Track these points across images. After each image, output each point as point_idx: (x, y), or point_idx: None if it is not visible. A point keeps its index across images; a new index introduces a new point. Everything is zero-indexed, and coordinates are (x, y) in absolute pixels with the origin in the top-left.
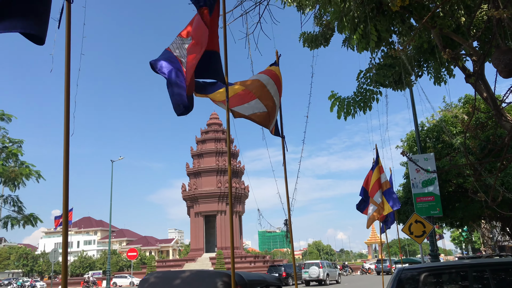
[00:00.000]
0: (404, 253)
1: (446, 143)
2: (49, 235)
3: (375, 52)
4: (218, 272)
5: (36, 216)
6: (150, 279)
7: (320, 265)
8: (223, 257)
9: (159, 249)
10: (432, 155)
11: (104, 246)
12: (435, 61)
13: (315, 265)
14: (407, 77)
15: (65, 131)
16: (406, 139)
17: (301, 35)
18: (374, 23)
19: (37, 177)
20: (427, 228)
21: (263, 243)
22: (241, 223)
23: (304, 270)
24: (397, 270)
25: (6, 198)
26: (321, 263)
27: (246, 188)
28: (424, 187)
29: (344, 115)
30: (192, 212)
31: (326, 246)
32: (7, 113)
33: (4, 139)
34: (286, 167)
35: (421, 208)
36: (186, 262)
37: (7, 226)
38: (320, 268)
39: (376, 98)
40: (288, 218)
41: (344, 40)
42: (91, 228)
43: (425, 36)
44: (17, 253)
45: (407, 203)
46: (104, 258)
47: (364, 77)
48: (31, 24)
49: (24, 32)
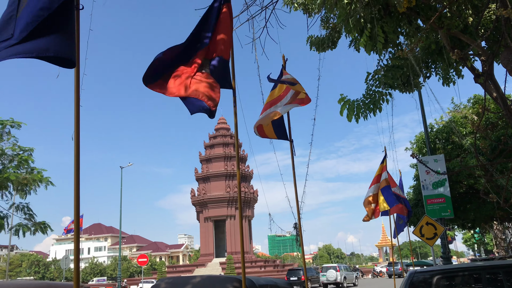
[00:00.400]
0: (415, 255)
1: (456, 144)
2: (60, 242)
3: (383, 53)
4: (229, 278)
5: (47, 224)
6: (160, 285)
7: (338, 269)
8: (233, 262)
9: (169, 254)
10: (442, 157)
11: (114, 252)
12: (443, 62)
13: (332, 268)
14: (415, 78)
15: (76, 139)
16: (415, 140)
17: (308, 38)
18: (381, 25)
19: (46, 184)
20: (438, 230)
21: (273, 247)
22: (250, 227)
23: (322, 274)
24: (409, 273)
25: (18, 205)
26: (338, 267)
27: (255, 192)
28: (435, 188)
29: (355, 118)
30: (201, 217)
31: (336, 250)
32: (16, 121)
33: (15, 147)
34: (295, 171)
35: (432, 210)
36: (196, 268)
37: (18, 234)
38: (337, 271)
39: (386, 100)
40: (298, 222)
41: (351, 42)
42: (102, 235)
43: (433, 37)
44: (28, 261)
45: (418, 205)
46: (114, 265)
47: (372, 79)
48: (64, 46)
49: (56, 56)
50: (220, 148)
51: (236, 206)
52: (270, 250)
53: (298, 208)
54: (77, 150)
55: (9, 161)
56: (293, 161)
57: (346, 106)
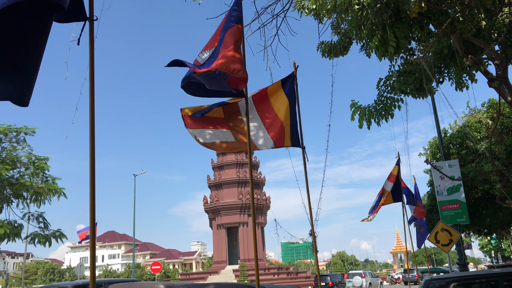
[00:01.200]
0: (431, 262)
1: (470, 149)
2: (74, 249)
3: (395, 59)
4: (242, 285)
5: (62, 232)
6: None
7: (363, 275)
8: (247, 269)
9: (183, 262)
10: (456, 162)
11: (128, 260)
12: (456, 66)
13: (358, 275)
14: (428, 83)
15: (90, 149)
16: (429, 146)
17: (319, 45)
18: (393, 30)
19: (59, 195)
20: (454, 236)
21: (286, 254)
22: (263, 234)
23: (348, 280)
24: (425, 280)
25: (33, 214)
26: (363, 273)
27: (267, 199)
28: (449, 194)
29: (366, 124)
30: (214, 224)
31: (350, 257)
32: (30, 127)
33: (30, 156)
34: (307, 178)
35: (447, 216)
36: (210, 275)
37: (34, 242)
38: (363, 277)
39: (398, 106)
40: (311, 229)
41: (362, 46)
42: (115, 242)
43: (445, 41)
44: (43, 268)
45: (432, 211)
46: (128, 272)
47: (384, 85)
48: (18, 90)
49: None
50: (232, 155)
51: (248, 213)
52: (283, 257)
53: (311, 214)
54: (92, 161)
55: (25, 168)
56: (305, 167)
57: (358, 112)
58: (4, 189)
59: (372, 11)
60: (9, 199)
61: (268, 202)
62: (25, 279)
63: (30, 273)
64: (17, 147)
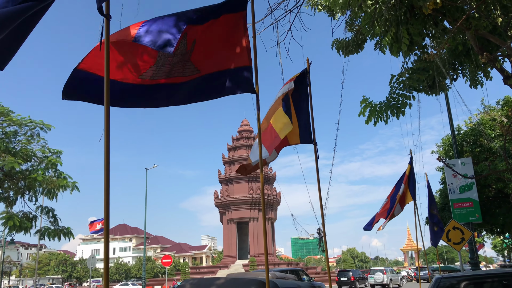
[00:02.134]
0: (442, 260)
1: (484, 147)
2: (86, 242)
3: (408, 56)
4: (252, 280)
5: (70, 230)
6: (185, 286)
7: (384, 271)
8: (256, 264)
9: (193, 255)
10: (469, 160)
11: (139, 253)
12: (471, 63)
13: (379, 271)
14: (442, 81)
15: (106, 145)
16: (442, 143)
17: (334, 42)
18: (406, 27)
19: (72, 188)
20: (466, 234)
21: (296, 250)
22: (273, 230)
23: (370, 276)
24: (435, 278)
25: (44, 208)
26: (385, 270)
27: (278, 194)
28: (462, 192)
29: (375, 121)
30: (224, 219)
31: (360, 253)
32: (46, 123)
33: (44, 149)
34: (319, 176)
35: (459, 214)
36: (220, 269)
37: (44, 237)
38: (384, 274)
39: (409, 104)
40: (322, 226)
41: (376, 44)
42: (127, 235)
43: (460, 38)
44: (56, 259)
45: (444, 209)
46: (139, 265)
47: (396, 81)
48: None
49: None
50: (243, 150)
51: (259, 208)
52: (293, 253)
53: (322, 211)
54: (107, 157)
55: (38, 163)
56: (317, 165)
57: (368, 108)
58: (19, 181)
59: (386, 7)
60: (23, 191)
61: (278, 197)
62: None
63: (43, 264)
64: (32, 141)
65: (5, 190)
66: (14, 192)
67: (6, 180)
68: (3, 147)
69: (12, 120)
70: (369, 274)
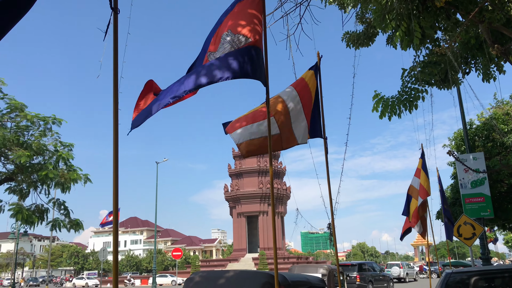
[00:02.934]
0: (453, 256)
1: (496, 142)
2: (98, 234)
3: (420, 49)
4: (261, 273)
5: (80, 222)
6: (195, 278)
7: (401, 266)
8: (266, 258)
9: (203, 249)
10: (481, 154)
11: (149, 246)
12: (484, 57)
13: (396, 265)
14: (454, 74)
15: (114, 137)
16: (454, 137)
17: (344, 35)
18: (418, 20)
19: (85, 180)
20: (477, 230)
21: (305, 244)
22: (283, 224)
23: (387, 270)
24: (445, 273)
25: (56, 201)
26: (401, 264)
27: (287, 189)
28: (474, 187)
29: (388, 115)
30: (234, 212)
31: (370, 248)
32: (58, 118)
33: (56, 143)
34: (328, 170)
35: (470, 209)
36: (229, 262)
37: (55, 228)
38: (400, 268)
39: (422, 97)
40: (331, 221)
41: (387, 39)
42: (137, 228)
43: (472, 31)
44: (68, 251)
45: (455, 204)
46: (150, 258)
47: (408, 75)
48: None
49: None
50: None
51: (268, 202)
52: (302, 247)
53: (332, 206)
54: (115, 148)
55: (49, 157)
56: (327, 159)
57: (380, 103)
58: (32, 175)
59: (397, 0)
60: (35, 184)
61: (288, 192)
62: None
63: (56, 255)
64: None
65: (18, 183)
66: (27, 185)
67: (19, 173)
68: (15, 140)
69: (27, 118)
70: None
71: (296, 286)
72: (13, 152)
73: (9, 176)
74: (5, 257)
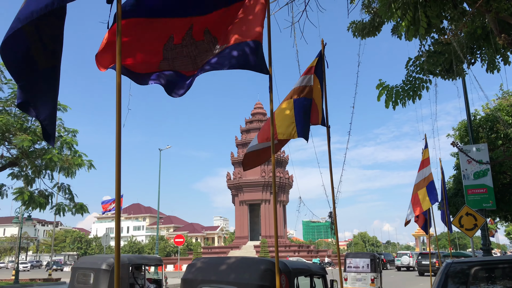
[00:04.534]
0: (454, 246)
1: (500, 133)
2: (101, 220)
3: (425, 39)
4: (263, 260)
5: (85, 205)
6: (197, 264)
7: (410, 255)
8: (267, 246)
9: (205, 236)
10: (485, 146)
11: (152, 232)
12: (489, 47)
13: (406, 254)
14: (459, 65)
15: (117, 124)
16: (458, 128)
17: (350, 24)
18: (424, 9)
19: (89, 166)
20: (478, 221)
21: (307, 233)
22: (285, 212)
23: (397, 258)
24: (445, 263)
25: (61, 185)
26: (411, 253)
27: (290, 177)
28: (476, 178)
29: (393, 104)
30: (236, 200)
31: (372, 238)
32: (62, 104)
33: (60, 128)
34: (331, 158)
35: (473, 201)
36: (231, 250)
37: (59, 212)
38: (410, 257)
39: (426, 87)
40: (333, 210)
41: (393, 29)
42: (140, 214)
43: (479, 21)
44: (72, 237)
45: (457, 195)
46: (152, 244)
47: (413, 65)
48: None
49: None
50: (256, 133)
51: (271, 190)
52: (304, 236)
53: (333, 195)
54: (118, 134)
55: None
56: (329, 148)
57: (384, 92)
58: (36, 160)
59: None
60: (40, 169)
61: (290, 180)
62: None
63: (59, 240)
64: None
65: (21, 168)
66: (32, 171)
67: (23, 158)
68: (19, 125)
69: None
70: (396, 257)
71: (297, 273)
72: (16, 137)
73: (13, 161)
74: (9, 241)
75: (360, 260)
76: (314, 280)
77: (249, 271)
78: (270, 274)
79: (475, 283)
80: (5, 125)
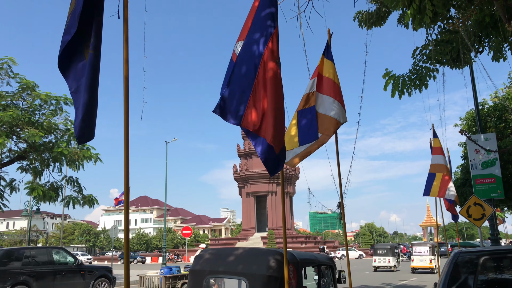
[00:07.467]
0: (461, 237)
1: (509, 123)
2: (109, 212)
3: (432, 27)
4: (271, 250)
5: (94, 197)
6: (204, 255)
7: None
8: (274, 237)
9: (212, 227)
10: (493, 135)
11: (159, 224)
12: (498, 36)
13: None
14: (466, 53)
15: (125, 117)
16: (465, 118)
17: (356, 14)
18: None
19: (95, 160)
20: (487, 211)
21: (314, 224)
22: (291, 204)
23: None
24: (454, 253)
25: (69, 178)
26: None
27: (296, 169)
28: (484, 168)
29: (399, 94)
30: (243, 192)
31: (379, 228)
32: (69, 97)
33: (67, 122)
34: (338, 149)
35: (481, 190)
36: (238, 241)
37: (69, 205)
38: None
39: (433, 76)
40: (341, 201)
41: (399, 18)
42: (148, 207)
43: (487, 9)
44: (80, 229)
45: (465, 185)
46: (160, 236)
47: (420, 54)
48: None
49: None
50: None
51: (277, 182)
52: (311, 227)
53: (341, 186)
54: (126, 127)
55: (61, 135)
56: (337, 139)
57: (391, 81)
58: (43, 153)
59: None
60: (48, 163)
61: (297, 172)
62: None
63: (68, 233)
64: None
65: (30, 161)
66: (40, 164)
67: (31, 151)
68: (27, 119)
69: (40, 97)
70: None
71: (304, 264)
72: (24, 131)
73: (21, 155)
74: (19, 234)
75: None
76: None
77: (257, 262)
78: (278, 264)
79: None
80: (14, 119)
